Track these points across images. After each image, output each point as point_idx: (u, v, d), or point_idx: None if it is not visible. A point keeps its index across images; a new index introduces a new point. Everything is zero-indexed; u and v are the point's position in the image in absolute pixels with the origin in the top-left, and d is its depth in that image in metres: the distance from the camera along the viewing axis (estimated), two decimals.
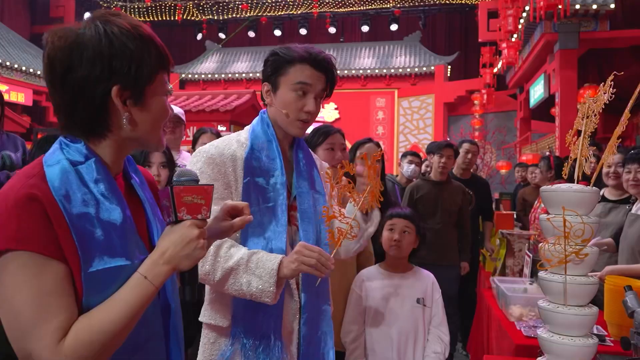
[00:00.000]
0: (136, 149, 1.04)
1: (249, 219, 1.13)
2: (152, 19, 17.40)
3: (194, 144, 3.46)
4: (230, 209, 1.14)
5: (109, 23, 0.91)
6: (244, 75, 17.40)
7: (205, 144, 1.58)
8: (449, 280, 3.44)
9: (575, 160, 1.45)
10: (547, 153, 5.99)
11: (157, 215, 1.06)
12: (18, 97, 13.87)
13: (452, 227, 3.71)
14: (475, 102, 14.29)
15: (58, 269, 0.85)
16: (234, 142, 1.52)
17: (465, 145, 4.25)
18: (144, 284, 0.89)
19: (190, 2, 17.25)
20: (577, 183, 1.41)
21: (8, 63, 13.64)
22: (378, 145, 2.73)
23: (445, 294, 2.25)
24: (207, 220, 0.97)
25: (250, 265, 1.36)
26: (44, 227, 0.84)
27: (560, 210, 1.32)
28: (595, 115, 1.48)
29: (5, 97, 4.37)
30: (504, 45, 11.02)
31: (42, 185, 0.86)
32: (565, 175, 1.48)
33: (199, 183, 0.98)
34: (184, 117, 3.40)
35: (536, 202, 4.63)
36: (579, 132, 1.50)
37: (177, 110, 3.43)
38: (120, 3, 17.01)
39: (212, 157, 1.46)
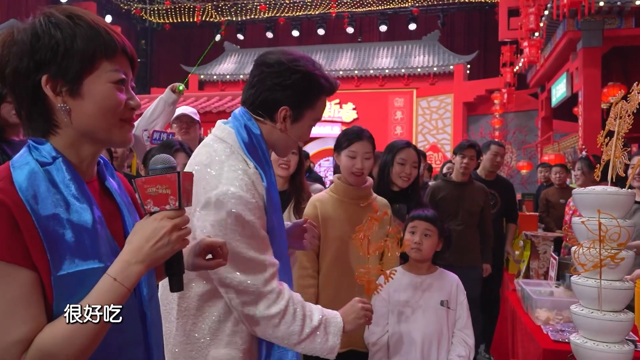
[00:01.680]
0: (101, 147, 0.98)
1: (223, 264, 1.12)
2: (171, 20, 17.60)
3: None
4: (207, 247, 1.10)
5: (47, 16, 0.89)
6: None
7: None
8: (470, 281, 3.37)
9: (608, 161, 1.42)
10: (585, 153, 5.79)
11: (136, 220, 1.01)
12: None
13: (474, 228, 3.65)
14: (496, 101, 14.12)
15: (25, 277, 0.81)
16: (252, 174, 1.31)
17: (494, 148, 4.10)
18: (114, 286, 0.84)
19: (209, 4, 17.37)
20: (610, 185, 1.38)
21: None
22: (417, 150, 2.61)
23: (467, 296, 2.22)
24: (179, 210, 0.91)
25: (326, 322, 1.36)
26: (11, 233, 0.80)
27: (595, 213, 1.29)
28: (629, 115, 1.45)
29: None
30: (525, 43, 10.85)
31: (9, 187, 0.83)
32: (597, 177, 1.44)
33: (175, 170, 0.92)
34: (197, 117, 3.34)
35: (572, 203, 4.51)
36: (610, 133, 1.46)
37: (189, 110, 3.39)
38: (140, 5, 17.20)
39: (251, 202, 1.27)
